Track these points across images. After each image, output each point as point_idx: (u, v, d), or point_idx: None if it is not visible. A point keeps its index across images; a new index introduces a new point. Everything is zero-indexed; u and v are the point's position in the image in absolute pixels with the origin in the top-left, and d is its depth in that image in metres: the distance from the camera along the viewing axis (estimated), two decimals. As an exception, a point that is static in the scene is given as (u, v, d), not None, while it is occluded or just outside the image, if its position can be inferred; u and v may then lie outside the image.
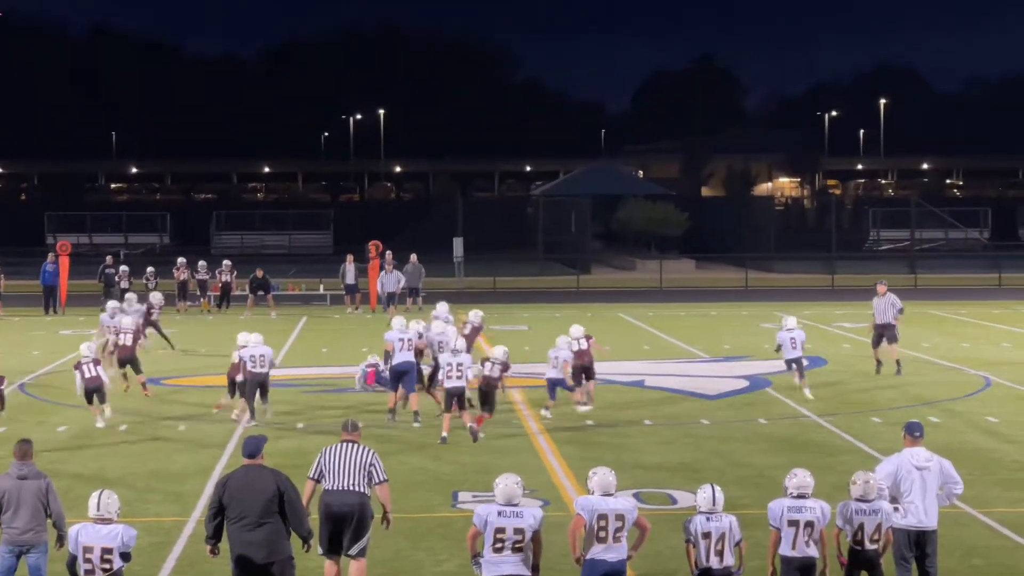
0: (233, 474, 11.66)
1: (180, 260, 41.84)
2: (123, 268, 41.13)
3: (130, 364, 24.18)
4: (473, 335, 24.55)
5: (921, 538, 12.02)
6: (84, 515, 11.07)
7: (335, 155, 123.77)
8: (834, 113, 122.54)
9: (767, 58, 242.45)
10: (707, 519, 11.06)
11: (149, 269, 41.52)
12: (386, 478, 12.46)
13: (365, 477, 12.28)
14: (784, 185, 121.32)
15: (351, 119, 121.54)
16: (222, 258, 44.07)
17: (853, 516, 11.40)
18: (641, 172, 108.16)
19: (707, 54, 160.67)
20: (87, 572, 10.80)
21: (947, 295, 47.14)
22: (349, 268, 41.43)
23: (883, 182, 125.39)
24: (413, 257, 41.01)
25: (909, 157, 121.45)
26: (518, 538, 10.86)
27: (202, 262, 42.25)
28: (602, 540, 11.02)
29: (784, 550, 11.32)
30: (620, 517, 11.05)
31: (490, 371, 20.50)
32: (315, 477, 12.40)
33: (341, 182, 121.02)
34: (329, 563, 12.36)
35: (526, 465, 17.95)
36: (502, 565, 10.84)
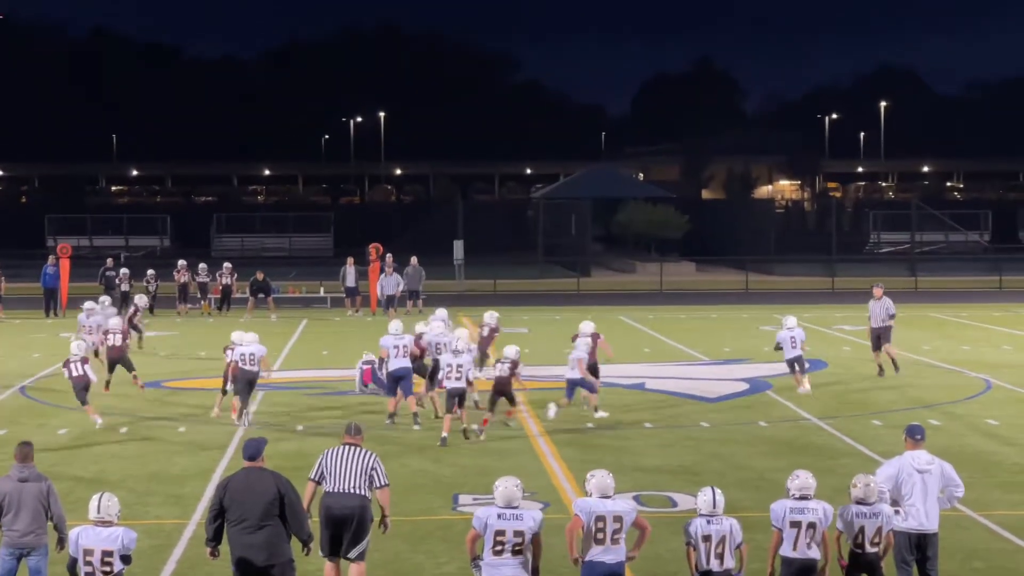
0: (234, 476, 11.66)
1: (181, 263, 41.85)
2: (123, 271, 41.13)
3: (121, 364, 24.52)
4: (491, 337, 24.86)
5: (922, 541, 12.02)
6: (84, 518, 11.07)
7: (335, 157, 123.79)
8: (834, 115, 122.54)
9: (767, 60, 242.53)
10: (707, 522, 11.06)
11: (150, 271, 41.60)
12: (387, 482, 12.45)
13: (366, 480, 12.28)
14: (784, 188, 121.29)
15: (351, 121, 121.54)
16: (222, 261, 44.11)
17: (853, 519, 11.40)
18: (641, 175, 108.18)
19: (707, 56, 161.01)
20: (87, 575, 10.80)
21: (947, 298, 47.16)
22: (349, 271, 41.43)
23: (883, 184, 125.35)
24: (413, 260, 41.01)
25: (909, 160, 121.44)
26: (518, 540, 10.86)
27: (202, 265, 42.27)
28: (600, 542, 11.02)
29: (785, 551, 11.31)
30: (618, 519, 11.05)
31: (501, 371, 20.77)
32: (316, 479, 12.40)
33: (341, 184, 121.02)
34: (329, 564, 12.37)
35: (526, 467, 17.95)
36: (502, 568, 10.84)
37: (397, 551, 14.19)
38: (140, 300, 30.17)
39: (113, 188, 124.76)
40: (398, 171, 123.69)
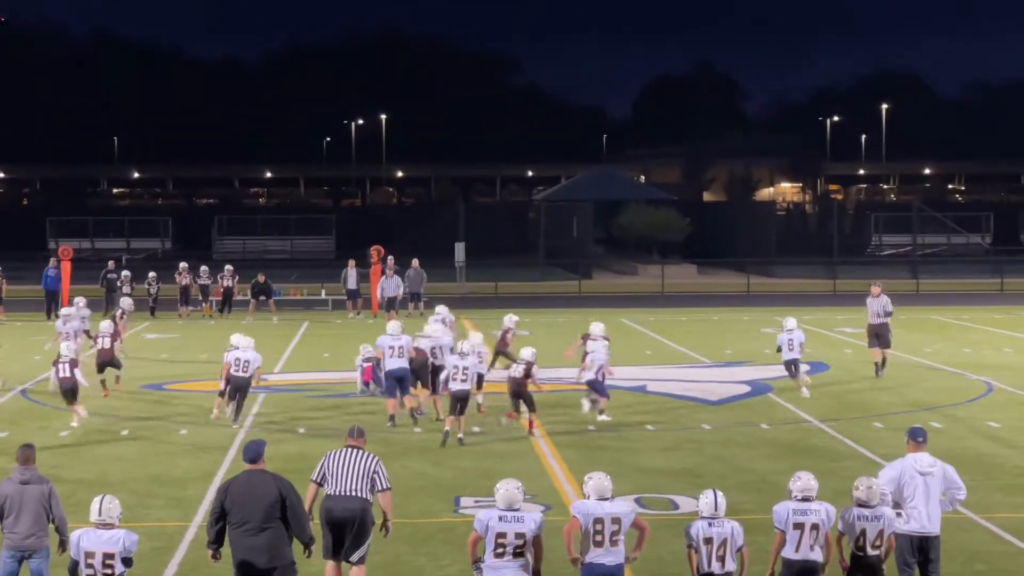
0: (235, 479, 11.66)
1: (182, 265, 41.86)
2: (125, 273, 41.18)
3: (110, 367, 24.72)
4: (504, 338, 25.02)
5: (924, 544, 12.01)
6: (86, 520, 11.06)
7: (337, 160, 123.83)
8: (836, 118, 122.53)
9: (768, 62, 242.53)
10: (709, 524, 11.05)
11: (151, 274, 41.62)
12: (389, 486, 12.44)
13: (368, 484, 12.27)
14: (786, 190, 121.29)
15: (353, 124, 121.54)
16: (224, 263, 44.11)
17: (855, 522, 11.38)
18: (643, 177, 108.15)
19: (708, 59, 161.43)
20: (88, 577, 10.80)
21: (949, 300, 47.15)
22: (351, 273, 41.42)
23: (885, 187, 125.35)
24: (415, 262, 41.02)
25: (911, 162, 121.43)
26: (519, 543, 10.86)
27: (204, 267, 42.30)
28: (599, 544, 11.00)
29: (787, 552, 11.30)
30: (616, 521, 11.04)
31: (514, 372, 21.01)
32: (318, 480, 12.40)
33: (343, 187, 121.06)
34: (331, 564, 12.35)
35: (527, 470, 17.95)
36: (503, 570, 10.83)
37: (398, 553, 14.19)
38: (125, 303, 30.16)
39: (114, 190, 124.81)
40: (399, 173, 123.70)
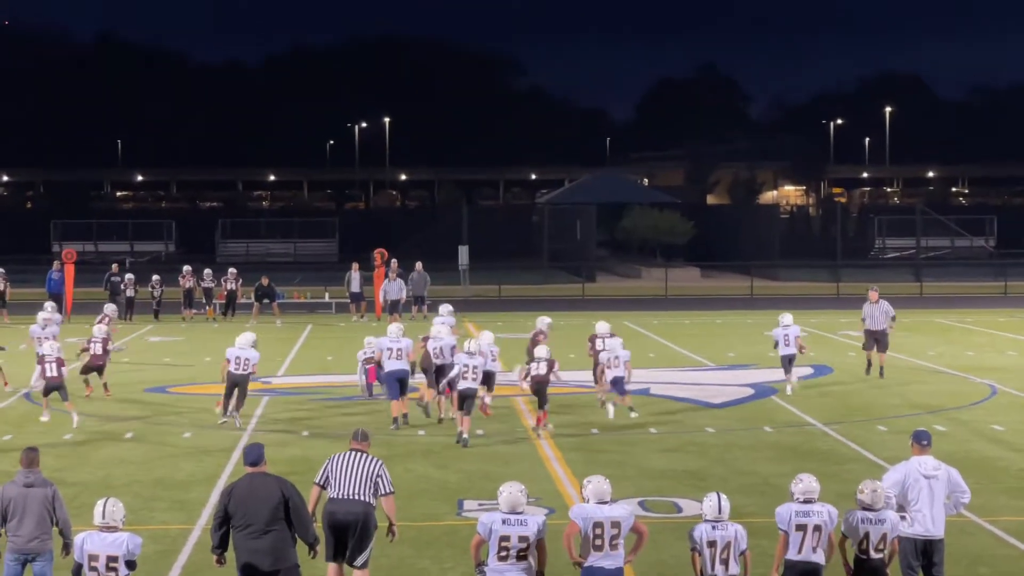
0: (238, 483, 11.66)
1: (186, 268, 41.91)
2: (128, 276, 41.22)
3: (97, 371, 24.79)
4: (535, 340, 25.09)
5: (928, 547, 12.00)
6: (90, 523, 11.06)
7: (340, 163, 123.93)
8: (839, 121, 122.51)
9: (771, 66, 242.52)
10: (712, 527, 11.04)
11: (155, 277, 41.64)
12: (392, 490, 12.42)
13: (371, 487, 12.26)
14: (789, 193, 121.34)
15: (356, 127, 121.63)
16: (227, 266, 44.13)
17: (859, 525, 11.38)
18: (646, 180, 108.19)
19: (711, 62, 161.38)
20: (92, 580, 10.81)
21: (953, 303, 47.13)
22: (354, 276, 41.44)
23: (888, 190, 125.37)
24: (418, 265, 41.04)
25: (914, 165, 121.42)
26: (523, 546, 10.86)
27: (207, 270, 42.35)
28: (599, 548, 10.98)
29: (790, 554, 11.31)
30: (616, 524, 11.01)
31: (537, 370, 21.22)
32: (321, 483, 12.38)
33: (346, 190, 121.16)
34: (332, 567, 12.34)
35: (531, 473, 17.95)
36: (507, 574, 10.83)
37: (402, 556, 14.18)
38: (109, 308, 30.18)
39: (118, 193, 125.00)
40: (403, 176, 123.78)
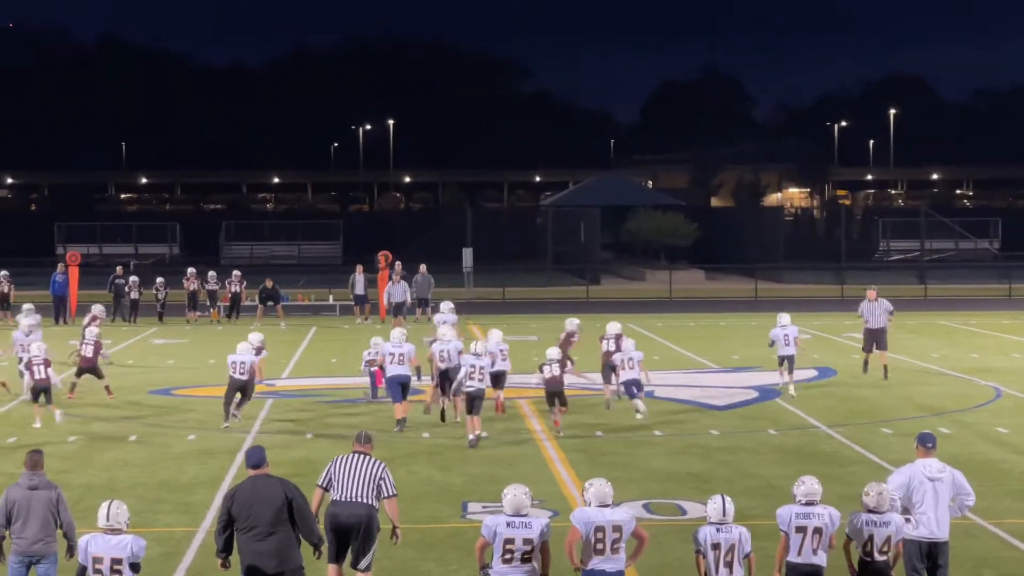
0: (240, 486, 11.66)
1: (190, 270, 41.93)
2: (133, 278, 41.23)
3: (91, 373, 24.79)
4: (567, 342, 25.46)
5: (933, 549, 11.99)
6: (94, 525, 11.06)
7: (344, 165, 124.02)
8: (843, 123, 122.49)
9: (775, 68, 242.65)
10: (717, 530, 11.03)
11: (159, 279, 41.64)
12: (395, 493, 12.41)
13: (374, 490, 12.25)
14: (793, 195, 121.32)
15: (360, 129, 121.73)
16: (232, 268, 44.13)
17: (863, 527, 11.36)
18: (650, 182, 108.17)
19: (715, 64, 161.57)
20: (97, 582, 10.80)
21: (957, 305, 47.09)
22: (358, 278, 41.43)
23: (893, 192, 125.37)
24: (422, 267, 41.01)
25: (919, 167, 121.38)
26: (527, 548, 10.85)
27: (212, 272, 42.35)
28: (600, 552, 10.95)
29: (791, 556, 11.32)
30: (617, 528, 10.99)
31: (550, 371, 21.46)
32: (323, 485, 12.38)
33: (350, 192, 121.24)
34: (333, 568, 12.31)
35: (535, 475, 17.95)
36: (511, 576, 10.84)
37: (406, 559, 14.18)
38: (97, 308, 30.18)
39: (122, 196, 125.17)
40: (407, 179, 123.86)
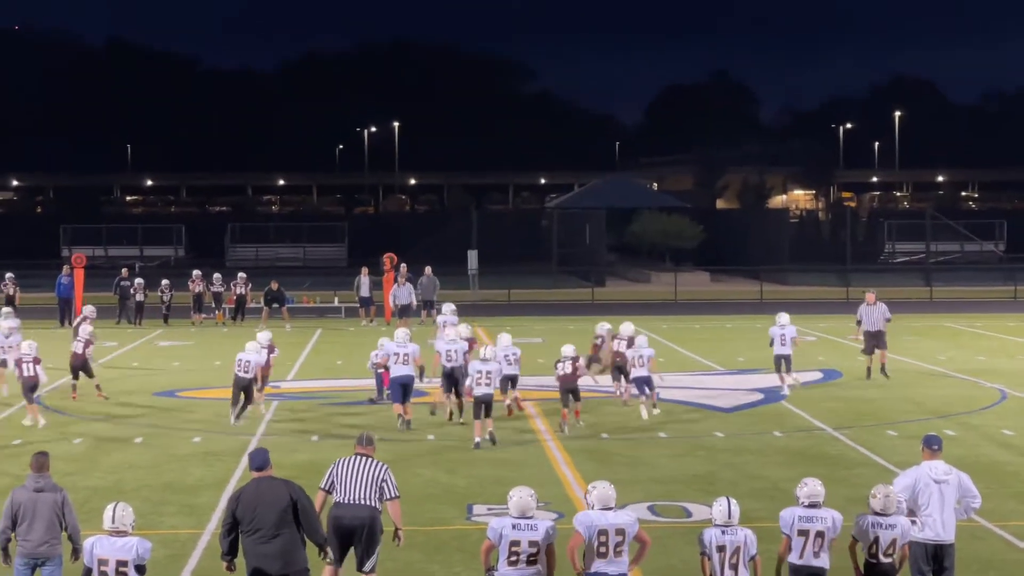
0: (245, 488, 11.66)
1: (195, 272, 41.94)
2: (138, 281, 41.25)
3: (82, 371, 25.05)
4: (601, 346, 25.71)
5: (939, 552, 11.98)
6: (99, 527, 11.07)
7: (350, 167, 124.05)
8: (849, 125, 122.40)
9: (781, 70, 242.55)
10: (722, 532, 11.02)
11: (164, 281, 41.67)
12: (398, 495, 12.41)
13: (376, 492, 12.25)
14: (799, 197, 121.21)
15: (365, 132, 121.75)
16: (237, 270, 44.14)
17: (869, 529, 11.36)
18: (655, 184, 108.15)
19: (721, 66, 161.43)
20: (102, 584, 10.81)
21: (963, 308, 47.02)
22: (364, 280, 41.44)
23: (898, 194, 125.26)
24: (428, 270, 41.01)
25: (924, 169, 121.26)
26: (533, 551, 10.85)
27: (217, 274, 42.35)
28: (603, 555, 10.94)
29: (792, 558, 11.34)
30: (620, 532, 10.97)
31: (563, 369, 21.60)
32: (326, 488, 12.38)
33: (356, 195, 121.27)
34: (328, 571, 12.29)
35: (540, 477, 17.95)
36: (517, 578, 10.83)
37: (411, 561, 14.18)
38: (88, 309, 30.22)
39: (128, 198, 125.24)
40: (412, 181, 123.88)
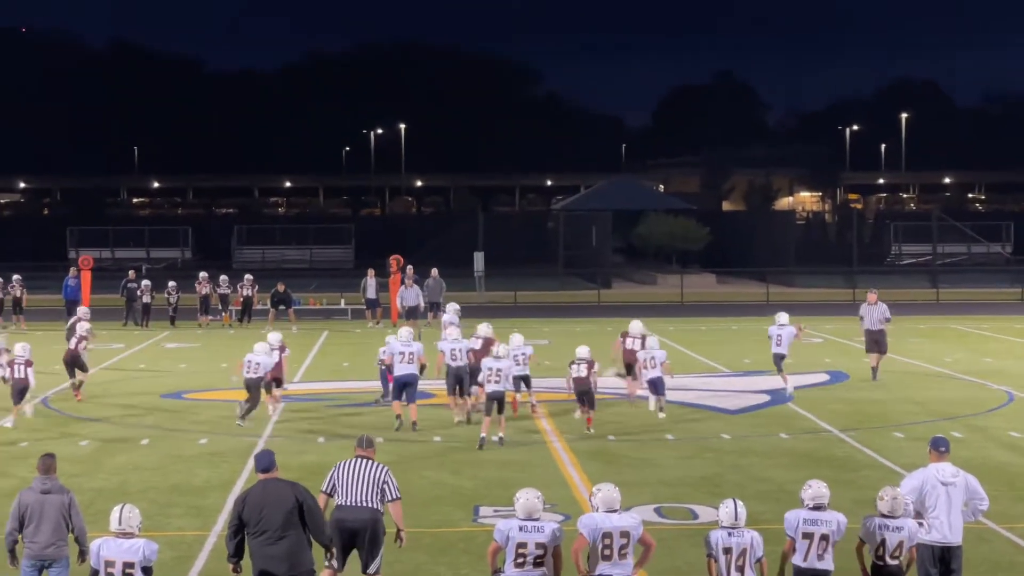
0: (251, 489, 11.66)
1: (202, 274, 41.97)
2: (145, 282, 41.29)
3: (76, 365, 25.32)
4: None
5: (946, 554, 11.97)
6: (106, 529, 11.08)
7: (356, 169, 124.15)
8: (855, 127, 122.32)
9: (787, 72, 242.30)
10: (728, 534, 11.01)
11: (171, 283, 41.68)
12: (399, 496, 12.41)
13: (378, 494, 12.25)
14: (805, 199, 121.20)
15: (372, 134, 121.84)
16: (243, 272, 44.18)
17: (876, 531, 11.35)
18: (662, 186, 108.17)
19: (727, 68, 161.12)
20: (109, 586, 10.82)
21: (969, 310, 46.97)
22: (370, 282, 41.45)
23: (905, 196, 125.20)
24: (434, 271, 41.00)
25: (931, 171, 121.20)
26: (539, 553, 10.84)
27: (224, 276, 42.38)
28: (607, 558, 10.93)
29: (796, 560, 11.34)
30: (625, 534, 10.96)
31: (578, 371, 21.61)
32: (327, 491, 12.38)
33: (362, 196, 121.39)
34: (327, 572, 12.29)
35: (547, 479, 17.93)
36: (523, 580, 10.83)
37: (418, 563, 14.18)
38: (81, 311, 30.30)
39: (135, 200, 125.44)
40: (419, 183, 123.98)
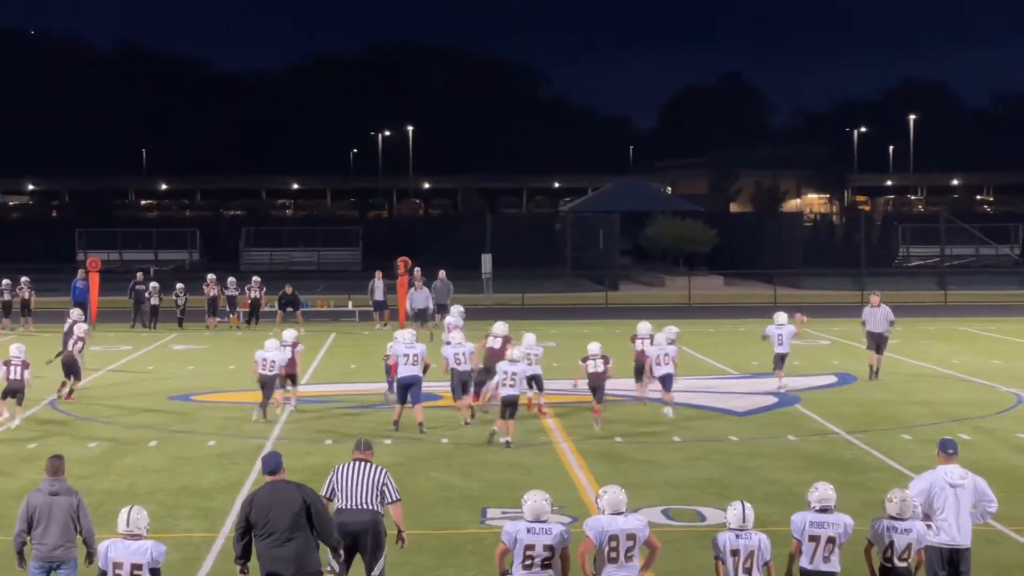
0: (258, 491, 11.67)
1: (210, 276, 42.01)
2: (153, 284, 41.33)
3: (71, 368, 25.46)
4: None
5: (954, 556, 11.96)
6: (114, 531, 11.10)
7: (364, 171, 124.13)
8: (863, 129, 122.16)
9: (795, 74, 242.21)
10: (736, 536, 11.01)
11: (179, 285, 41.74)
12: (399, 497, 12.43)
13: (377, 496, 12.26)
14: (813, 201, 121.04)
15: (379, 136, 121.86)
16: (251, 274, 44.24)
17: (884, 533, 11.34)
18: (669, 188, 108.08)
19: (735, 70, 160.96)
20: (117, 588, 10.83)
21: (977, 311, 46.91)
22: (378, 284, 41.47)
23: (912, 198, 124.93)
24: (442, 274, 41.00)
25: (939, 173, 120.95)
26: (547, 555, 10.83)
27: (231, 278, 42.43)
28: (614, 560, 10.91)
29: (803, 563, 11.35)
30: (631, 536, 10.95)
31: (594, 368, 21.97)
32: (327, 495, 12.37)
33: (370, 198, 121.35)
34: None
35: (554, 481, 17.92)
36: (531, 582, 10.82)
37: (425, 565, 14.18)
38: (75, 312, 30.40)
39: (143, 202, 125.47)
40: (426, 185, 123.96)
